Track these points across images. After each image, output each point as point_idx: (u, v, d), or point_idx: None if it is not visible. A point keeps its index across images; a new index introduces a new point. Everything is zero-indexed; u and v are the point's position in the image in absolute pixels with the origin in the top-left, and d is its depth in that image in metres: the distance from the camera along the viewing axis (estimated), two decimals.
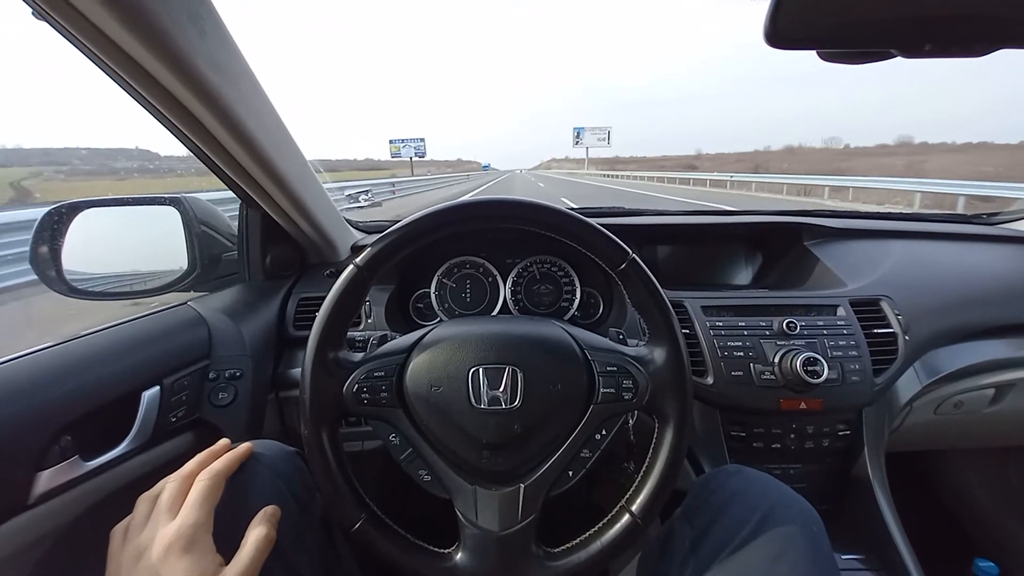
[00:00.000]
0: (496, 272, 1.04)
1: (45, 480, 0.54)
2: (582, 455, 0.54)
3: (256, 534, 0.45)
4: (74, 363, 0.60)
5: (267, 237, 0.93)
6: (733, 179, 20.32)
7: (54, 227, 0.77)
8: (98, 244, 0.87)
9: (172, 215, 0.87)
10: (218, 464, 0.48)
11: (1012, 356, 0.90)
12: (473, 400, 0.52)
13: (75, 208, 0.80)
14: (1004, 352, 0.90)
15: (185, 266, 0.88)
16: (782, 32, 0.44)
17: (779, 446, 0.84)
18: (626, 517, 0.52)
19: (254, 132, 0.66)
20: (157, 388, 0.66)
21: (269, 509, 0.48)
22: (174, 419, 0.68)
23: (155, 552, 0.41)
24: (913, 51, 0.45)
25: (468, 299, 1.04)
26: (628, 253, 0.53)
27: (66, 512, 0.56)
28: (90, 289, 0.84)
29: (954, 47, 0.45)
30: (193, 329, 0.76)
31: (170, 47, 0.50)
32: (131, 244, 0.92)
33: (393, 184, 19.56)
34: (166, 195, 0.85)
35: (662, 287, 0.54)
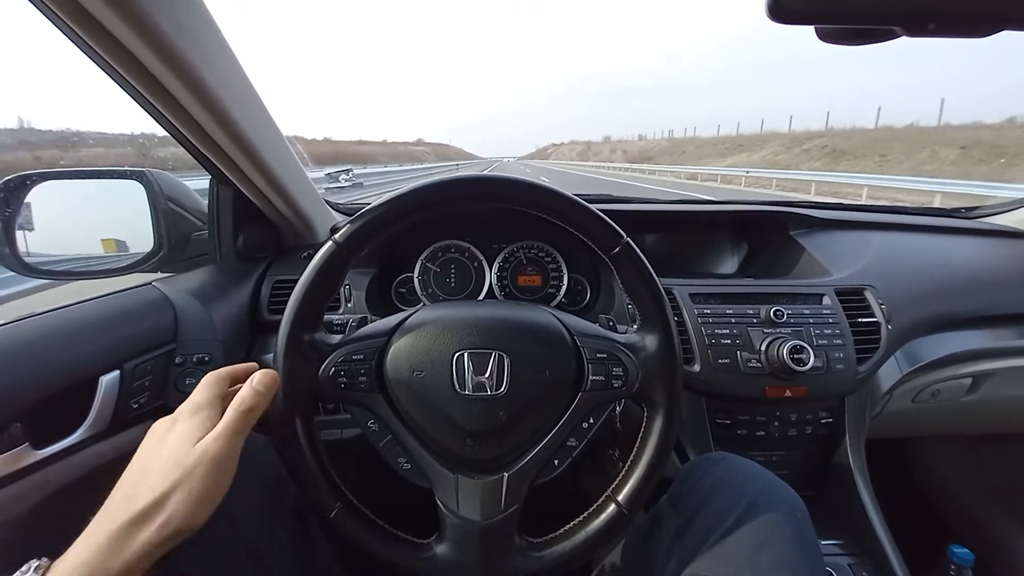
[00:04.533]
0: (482, 256, 1.02)
1: None
2: (568, 444, 0.52)
3: (235, 401, 0.42)
4: (24, 346, 0.55)
5: (240, 216, 0.88)
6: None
7: (6, 200, 0.72)
8: (56, 219, 0.82)
9: (136, 190, 0.82)
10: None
11: (989, 346, 0.92)
12: (457, 386, 0.50)
13: (29, 180, 0.74)
14: (981, 342, 0.92)
15: (151, 245, 0.83)
16: (785, 6, 0.43)
17: (763, 433, 0.84)
18: (612, 507, 0.51)
19: (223, 99, 0.61)
20: (117, 373, 0.61)
21: (257, 376, 0.45)
22: (136, 406, 0.64)
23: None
24: (918, 29, 0.44)
25: (453, 284, 1.01)
26: (622, 237, 0.51)
27: (17, 502, 0.53)
28: (46, 268, 0.79)
29: (959, 26, 0.44)
30: (158, 311, 0.71)
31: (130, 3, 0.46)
32: (92, 220, 0.87)
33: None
34: (129, 168, 0.80)
35: None
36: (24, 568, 0.34)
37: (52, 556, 0.35)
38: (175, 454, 0.39)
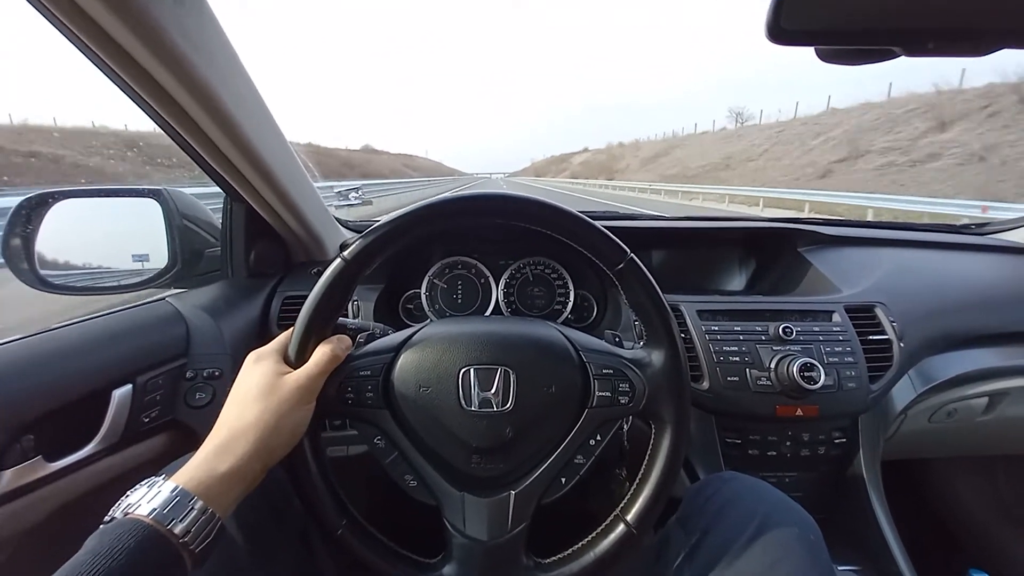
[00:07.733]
0: (488, 273, 1.02)
1: (6, 481, 0.51)
2: (575, 461, 0.52)
3: (324, 348, 0.49)
4: (38, 358, 0.56)
5: (251, 233, 0.89)
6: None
7: (27, 217, 0.74)
8: (74, 237, 0.84)
9: (153, 208, 0.84)
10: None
11: (1004, 364, 0.90)
12: (463, 402, 0.50)
13: (50, 198, 0.76)
14: (996, 360, 0.90)
15: (165, 261, 0.85)
16: (785, 27, 0.43)
17: (775, 453, 0.82)
18: (621, 527, 0.50)
19: (235, 116, 0.62)
20: (129, 387, 0.62)
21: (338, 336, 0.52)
22: (147, 419, 0.64)
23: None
24: (917, 49, 0.45)
25: (459, 300, 1.02)
26: (627, 253, 0.51)
27: (30, 514, 0.53)
28: (64, 284, 0.81)
29: (959, 45, 0.44)
30: (170, 326, 0.72)
31: (141, 15, 0.47)
32: (109, 237, 0.89)
33: None
34: (146, 187, 0.82)
35: None
36: (146, 482, 0.40)
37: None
38: (264, 382, 0.46)
